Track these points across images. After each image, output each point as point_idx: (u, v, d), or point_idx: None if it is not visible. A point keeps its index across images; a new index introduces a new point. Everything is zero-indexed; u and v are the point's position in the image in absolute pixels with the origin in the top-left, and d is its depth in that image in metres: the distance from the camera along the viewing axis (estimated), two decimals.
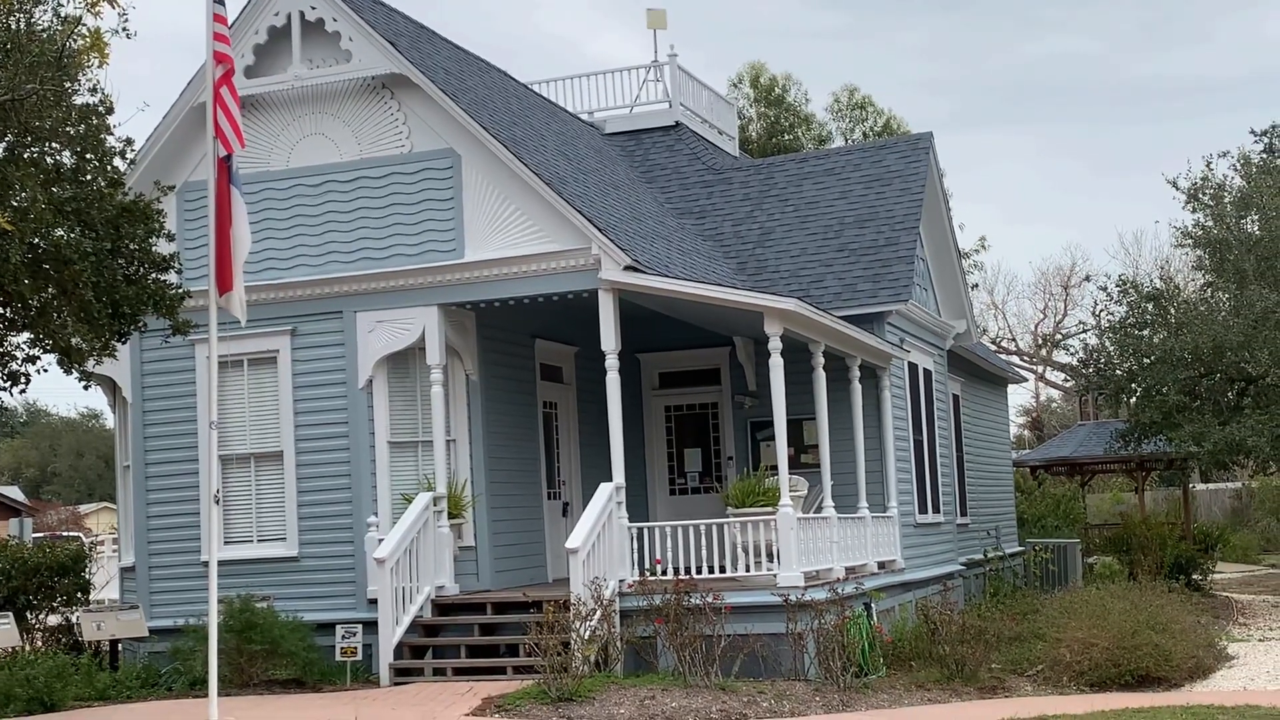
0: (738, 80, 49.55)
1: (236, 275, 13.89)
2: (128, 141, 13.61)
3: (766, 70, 49.37)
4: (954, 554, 24.73)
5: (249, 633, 15.63)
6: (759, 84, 49.04)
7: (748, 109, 48.81)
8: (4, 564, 19.10)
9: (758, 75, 49.19)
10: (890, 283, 21.09)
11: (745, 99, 49.19)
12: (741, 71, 49.65)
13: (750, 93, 49.07)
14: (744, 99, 49.11)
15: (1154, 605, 16.40)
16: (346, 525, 17.54)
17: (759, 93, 48.79)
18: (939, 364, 24.59)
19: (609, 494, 16.29)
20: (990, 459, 31.35)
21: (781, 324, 16.40)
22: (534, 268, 17.04)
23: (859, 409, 19.66)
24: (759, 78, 49.11)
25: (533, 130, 20.07)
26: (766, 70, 49.37)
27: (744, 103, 48.96)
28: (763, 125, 47.82)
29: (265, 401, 18.09)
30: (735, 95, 48.93)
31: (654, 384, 22.33)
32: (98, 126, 12.52)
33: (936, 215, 24.07)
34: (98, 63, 11.48)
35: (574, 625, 14.24)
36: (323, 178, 17.93)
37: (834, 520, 17.71)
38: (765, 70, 49.32)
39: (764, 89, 48.68)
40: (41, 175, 12.30)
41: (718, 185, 24.09)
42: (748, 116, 48.50)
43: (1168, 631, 15.54)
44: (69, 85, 12.18)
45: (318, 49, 17.86)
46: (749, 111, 48.68)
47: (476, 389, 18.00)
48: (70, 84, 12.02)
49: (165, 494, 18.32)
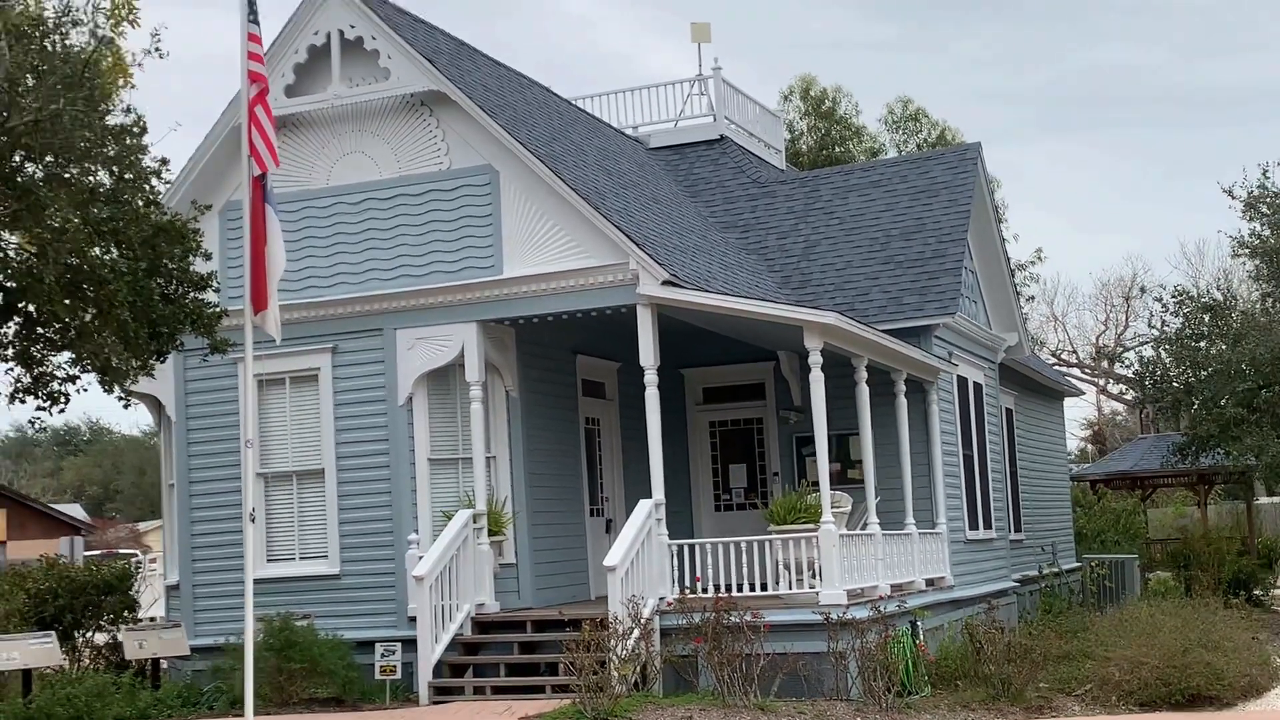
0: (788, 93, 49.36)
1: (271, 294, 13.89)
2: (163, 161, 13.65)
3: (817, 83, 49.14)
4: (1007, 570, 24.38)
5: (288, 651, 15.60)
6: (809, 96, 48.79)
7: (798, 122, 48.59)
8: (51, 583, 19.17)
9: (808, 88, 48.94)
10: (937, 295, 20.83)
11: (796, 112, 48.98)
12: (792, 84, 49.47)
13: (801, 105, 48.85)
14: (794, 112, 48.90)
15: (1207, 622, 16.03)
16: (387, 543, 17.50)
17: (809, 105, 48.54)
18: (990, 377, 24.27)
19: (648, 511, 16.15)
20: (1046, 474, 30.93)
21: (822, 338, 16.21)
22: (572, 283, 16.95)
23: (904, 423, 19.41)
24: (809, 90, 48.88)
25: (573, 146, 20.01)
26: (817, 83, 49.14)
27: (794, 116, 48.77)
28: (814, 138, 47.58)
29: (307, 419, 18.10)
30: (786, 108, 48.73)
31: (698, 399, 22.17)
32: (132, 147, 12.54)
33: (986, 227, 23.77)
34: (121, 83, 11.49)
35: (609, 644, 14.09)
36: (363, 195, 17.93)
37: (878, 537, 17.47)
38: (815, 83, 49.08)
39: (814, 101, 48.43)
40: (77, 196, 12.31)
41: (762, 199, 23.93)
42: (798, 130, 48.29)
43: (1220, 649, 15.18)
44: (103, 107, 12.20)
45: (357, 67, 17.88)
46: (800, 125, 48.45)
47: (517, 405, 17.91)
48: (103, 105, 12.04)
49: (208, 512, 18.37)
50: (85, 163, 12.10)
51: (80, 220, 11.93)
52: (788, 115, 48.48)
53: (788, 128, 48.10)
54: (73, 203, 12.09)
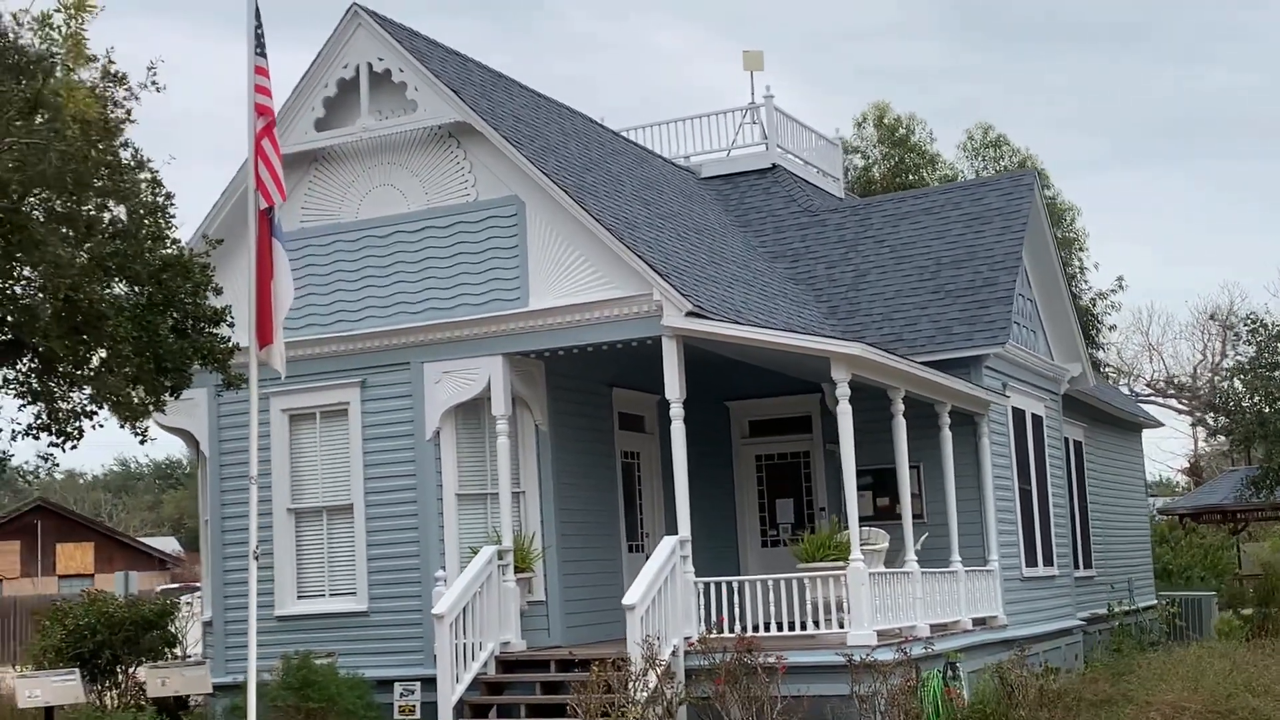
0: (861, 120, 48.66)
1: (277, 328, 13.80)
2: (168, 195, 13.57)
3: (890, 110, 48.44)
4: (1071, 608, 23.58)
5: (306, 690, 15.41)
6: (883, 124, 48.12)
7: (872, 150, 47.96)
8: (90, 619, 19.19)
9: (881, 115, 48.28)
10: (987, 325, 20.24)
11: (869, 140, 48.33)
12: (865, 111, 48.83)
13: (875, 133, 48.18)
14: (868, 140, 48.26)
15: (1259, 665, 15.26)
16: (415, 580, 17.26)
17: (883, 133, 47.88)
18: (1051, 409, 23.55)
19: (672, 547, 15.77)
20: (1123, 508, 30.02)
21: (849, 369, 15.74)
22: (597, 315, 16.65)
23: (949, 457, 18.83)
24: (883, 117, 48.21)
25: (609, 176, 19.74)
26: (890, 110, 48.44)
27: (868, 144, 48.14)
28: (887, 166, 46.90)
29: (337, 454, 17.95)
30: (860, 136, 48.11)
31: (744, 432, 21.73)
32: (128, 181, 12.45)
33: (1044, 254, 23.13)
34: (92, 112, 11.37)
35: (618, 686, 13.69)
36: (391, 228, 17.80)
37: (916, 575, 16.90)
38: (889, 110, 48.39)
39: (888, 129, 47.76)
40: (72, 231, 12.25)
41: (813, 227, 23.49)
42: (871, 158, 47.65)
43: (1270, 694, 14.41)
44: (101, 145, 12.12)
45: (386, 100, 17.77)
46: (873, 153, 47.81)
47: (546, 439, 17.63)
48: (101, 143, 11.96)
49: (239, 548, 18.24)
50: (78, 196, 12.00)
51: (71, 254, 11.82)
52: (861, 144, 47.91)
53: (861, 155, 47.53)
54: (66, 238, 12.00)
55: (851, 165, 47.45)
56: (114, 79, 13.79)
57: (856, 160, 47.55)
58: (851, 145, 47.77)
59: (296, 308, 18.06)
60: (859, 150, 47.99)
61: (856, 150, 47.97)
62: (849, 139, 47.73)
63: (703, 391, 21.50)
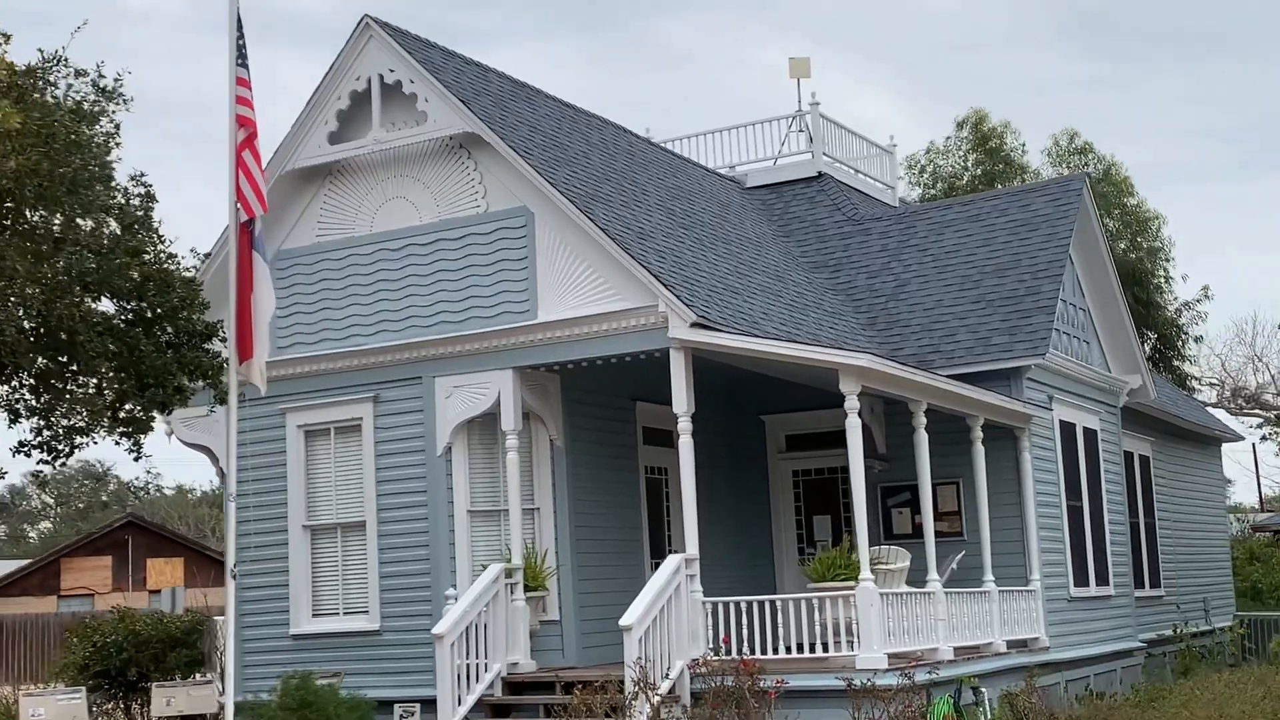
0: (960, 124, 47.61)
1: (259, 343, 13.60)
2: (146, 203, 13.42)
3: (988, 118, 47.38)
4: (1131, 630, 22.67)
5: (304, 710, 15.12)
6: (980, 130, 47.09)
7: (963, 158, 46.96)
8: (118, 636, 19.17)
9: (979, 121, 47.24)
10: (1028, 335, 19.50)
11: (964, 145, 47.31)
12: (965, 116, 47.76)
13: (971, 138, 47.10)
14: (963, 146, 47.27)
15: None
16: (426, 598, 16.96)
17: (975, 140, 46.86)
18: (1108, 422, 22.67)
19: (675, 566, 15.30)
20: (1198, 524, 28.93)
21: (858, 381, 15.18)
22: (605, 327, 16.25)
23: (981, 472, 18.13)
24: (980, 123, 47.17)
25: (632, 186, 19.35)
26: (988, 118, 47.38)
27: (961, 152, 47.17)
28: (979, 173, 45.88)
29: (351, 470, 17.74)
30: (957, 142, 47.13)
31: (780, 447, 21.16)
32: (92, 195, 12.31)
33: (1098, 263, 22.29)
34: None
35: (601, 710, 13.23)
36: (404, 241, 17.56)
37: (939, 595, 16.24)
38: (987, 118, 47.33)
39: (981, 137, 46.74)
40: (37, 245, 12.13)
41: (856, 236, 22.89)
42: (962, 166, 46.66)
43: None
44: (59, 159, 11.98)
45: (397, 112, 17.55)
46: (963, 161, 46.80)
47: (562, 455, 17.25)
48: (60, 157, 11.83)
49: (257, 565, 18.11)
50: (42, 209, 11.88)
51: (32, 268, 11.69)
52: (960, 150, 46.96)
53: (960, 161, 46.54)
54: (28, 252, 11.88)
55: (942, 173, 46.59)
56: (104, 94, 13.73)
57: (949, 167, 46.67)
58: (941, 151, 46.93)
59: (312, 323, 18.00)
60: (948, 157, 47.12)
61: (946, 157, 47.12)
62: (941, 146, 46.87)
63: (738, 405, 21.08)
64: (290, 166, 17.90)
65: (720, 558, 20.39)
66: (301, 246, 18.16)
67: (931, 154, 47.62)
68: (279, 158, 17.93)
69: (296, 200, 18.20)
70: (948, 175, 46.25)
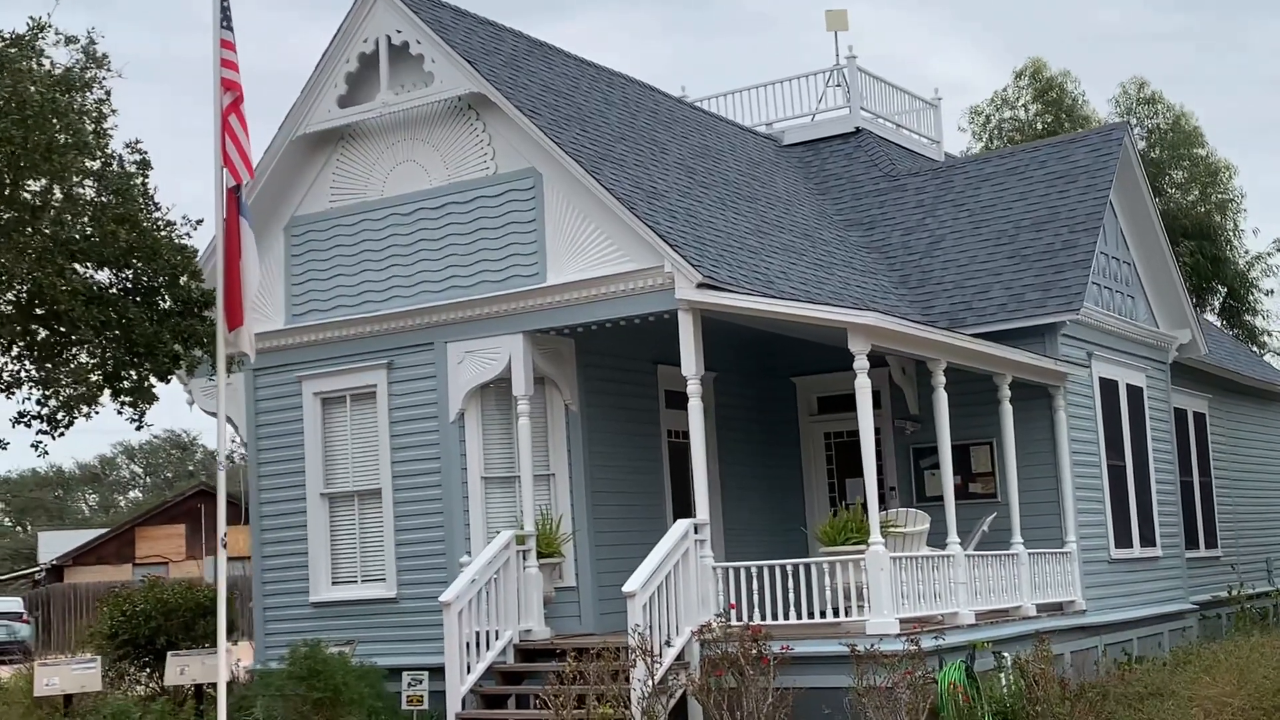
0: (1018, 74, 46.49)
1: (247, 310, 13.42)
2: (142, 170, 13.29)
3: (1047, 68, 46.21)
4: (1182, 592, 22.05)
5: (312, 679, 15.04)
6: (1038, 80, 45.96)
7: (1025, 110, 45.87)
8: (146, 606, 19.24)
9: (1038, 71, 46.09)
10: (1062, 290, 18.91)
11: (1026, 96, 46.21)
12: (1023, 65, 46.62)
13: (1030, 88, 45.93)
14: (1023, 97, 46.18)
15: None
16: (441, 565, 16.79)
17: (1036, 92, 45.75)
18: (1156, 379, 22.00)
19: (684, 531, 15.01)
20: (1262, 482, 28.12)
21: (867, 340, 14.74)
22: (613, 289, 15.92)
23: (1009, 432, 17.62)
24: (1039, 73, 46.02)
25: (651, 145, 18.97)
26: (1047, 68, 46.21)
27: (1022, 103, 46.10)
28: (1041, 125, 44.81)
29: (366, 438, 17.59)
30: (1018, 93, 46.06)
31: (812, 409, 20.75)
32: (68, 162, 12.17)
33: (1143, 215, 21.59)
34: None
35: (596, 677, 12.98)
36: (414, 205, 17.33)
37: (960, 558, 15.79)
38: (1046, 67, 46.15)
39: (1041, 88, 45.62)
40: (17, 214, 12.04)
41: (891, 193, 22.35)
42: (1024, 119, 45.56)
43: None
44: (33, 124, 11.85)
45: (406, 74, 17.31)
46: (1025, 113, 45.69)
47: (577, 420, 16.98)
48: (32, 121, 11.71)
49: (277, 533, 18.07)
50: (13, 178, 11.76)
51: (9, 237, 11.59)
52: (1020, 101, 45.91)
53: (1023, 111, 45.45)
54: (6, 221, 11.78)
55: (1006, 126, 45.57)
56: (95, 60, 13.61)
57: (1011, 120, 45.64)
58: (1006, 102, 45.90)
59: (326, 289, 17.86)
60: (1018, 110, 46.10)
61: (1008, 109, 46.11)
62: (1007, 95, 45.81)
63: (770, 368, 20.71)
64: (301, 132, 17.72)
65: (751, 523, 20.10)
66: (315, 213, 17.99)
67: (995, 104, 46.62)
68: (289, 123, 17.77)
69: (309, 166, 18.03)
70: (1009, 129, 45.20)
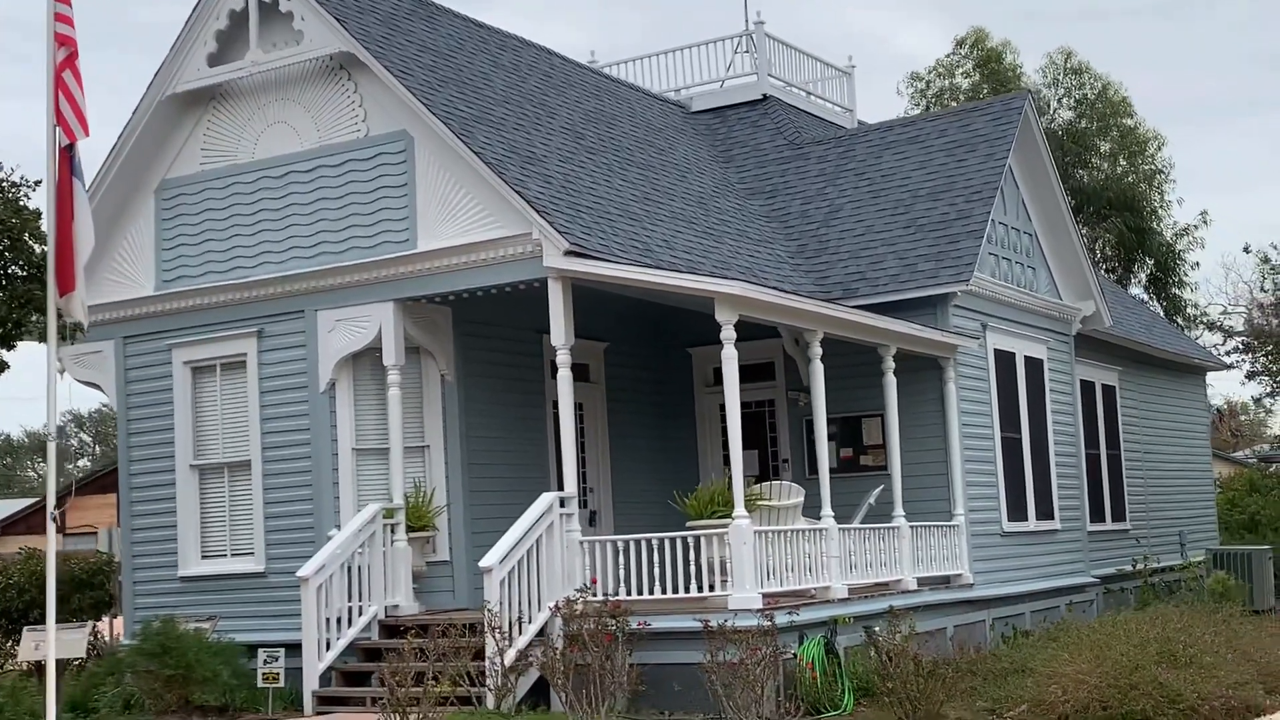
0: (959, 43, 46.16)
1: (79, 275, 12.90)
2: None
3: (989, 36, 45.91)
4: (1083, 565, 21.89)
5: (164, 656, 14.63)
6: (979, 50, 45.69)
7: (962, 77, 45.59)
8: (21, 578, 18.78)
9: (979, 41, 45.81)
10: (954, 260, 18.62)
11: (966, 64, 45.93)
12: (964, 36, 46.31)
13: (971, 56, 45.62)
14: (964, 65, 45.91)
15: (1192, 634, 13.59)
16: (309, 539, 16.35)
17: (978, 60, 45.46)
18: (1059, 351, 21.75)
19: (548, 504, 14.62)
20: (1175, 456, 27.98)
21: (734, 309, 14.40)
22: (484, 256, 15.51)
23: (893, 404, 17.35)
24: (980, 43, 45.76)
25: (538, 108, 18.53)
26: (989, 36, 45.91)
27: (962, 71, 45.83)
28: (978, 96, 44.51)
29: (236, 408, 17.14)
30: (955, 58, 45.83)
31: (708, 381, 20.39)
32: None
33: (1044, 186, 21.30)
34: None
35: (436, 654, 12.63)
36: (285, 168, 16.85)
37: (832, 531, 15.50)
38: (987, 36, 45.85)
39: (982, 58, 45.34)
40: None
41: (794, 161, 21.99)
42: (962, 88, 45.29)
43: (1195, 666, 12.79)
44: None
45: (277, 32, 16.80)
46: (965, 81, 45.40)
47: (454, 390, 16.59)
48: None
49: (147, 505, 17.61)
50: None
51: None
52: (960, 69, 45.64)
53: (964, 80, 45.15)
54: None
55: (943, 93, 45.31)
56: None
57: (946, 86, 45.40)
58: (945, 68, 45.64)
59: (196, 255, 17.38)
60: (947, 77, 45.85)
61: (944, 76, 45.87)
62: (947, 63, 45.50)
63: (665, 338, 20.35)
64: (170, 91, 17.20)
65: (644, 495, 19.74)
66: (185, 175, 17.49)
67: (937, 71, 46.38)
68: (158, 82, 17.25)
69: (180, 127, 17.52)
70: (948, 98, 44.91)
